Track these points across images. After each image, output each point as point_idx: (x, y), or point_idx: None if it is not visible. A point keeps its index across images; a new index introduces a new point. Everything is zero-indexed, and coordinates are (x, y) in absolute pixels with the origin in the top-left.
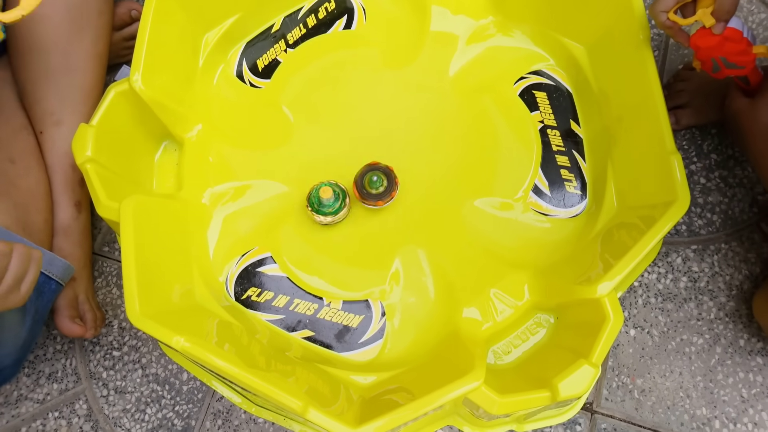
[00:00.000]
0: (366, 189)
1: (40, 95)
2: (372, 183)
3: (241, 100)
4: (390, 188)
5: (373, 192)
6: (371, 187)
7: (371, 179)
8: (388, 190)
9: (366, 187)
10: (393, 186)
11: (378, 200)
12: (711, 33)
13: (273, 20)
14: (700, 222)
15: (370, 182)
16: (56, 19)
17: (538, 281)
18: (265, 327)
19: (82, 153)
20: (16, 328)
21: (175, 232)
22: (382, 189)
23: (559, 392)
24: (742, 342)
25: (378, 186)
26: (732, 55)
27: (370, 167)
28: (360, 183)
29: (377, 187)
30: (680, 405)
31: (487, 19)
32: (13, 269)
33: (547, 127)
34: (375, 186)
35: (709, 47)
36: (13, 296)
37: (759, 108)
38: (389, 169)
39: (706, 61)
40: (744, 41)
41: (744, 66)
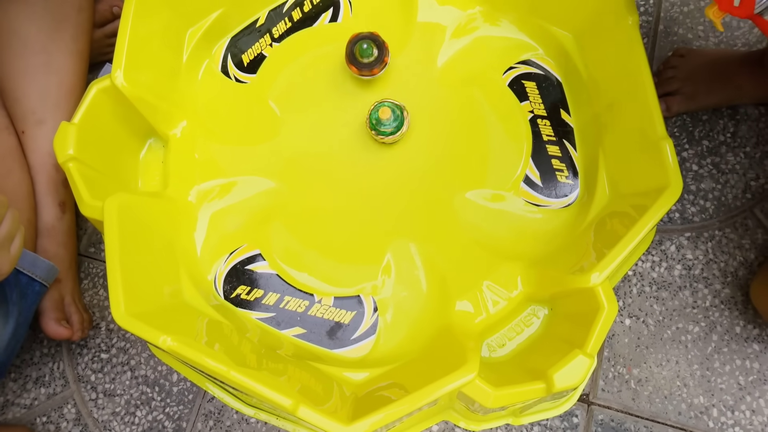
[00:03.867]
0: (358, 59)
1: (20, 94)
2: (363, 51)
3: (226, 95)
4: (381, 54)
5: (365, 61)
6: (363, 55)
7: (362, 47)
8: (380, 57)
9: (358, 57)
10: (384, 51)
11: (373, 68)
12: None
13: (258, 14)
14: (693, 209)
15: (361, 51)
16: (35, 15)
17: (531, 272)
18: (255, 325)
19: (63, 152)
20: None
21: (161, 231)
22: (374, 57)
23: (555, 383)
24: (738, 329)
25: (369, 54)
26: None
27: (358, 37)
28: (351, 53)
29: (368, 55)
30: (677, 394)
31: (474, 9)
32: (6, 223)
33: (538, 117)
34: (366, 54)
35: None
36: (3, 256)
37: None
38: (375, 35)
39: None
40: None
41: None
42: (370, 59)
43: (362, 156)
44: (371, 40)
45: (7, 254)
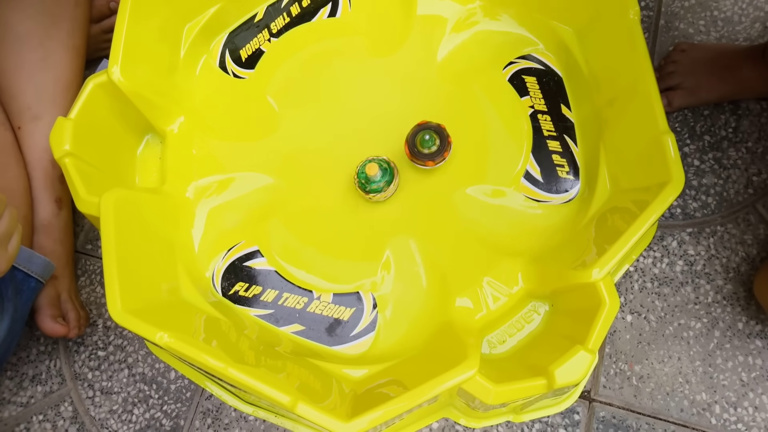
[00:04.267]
0: (418, 149)
1: (16, 90)
2: (424, 142)
3: (224, 91)
4: (443, 147)
5: (425, 151)
6: (423, 146)
7: (423, 138)
8: (441, 150)
9: (418, 147)
10: (446, 145)
11: (429, 160)
12: None
13: (256, 9)
14: (695, 204)
15: (422, 141)
16: (31, 10)
17: (531, 268)
18: (253, 322)
19: (60, 147)
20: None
21: (158, 227)
22: (435, 148)
23: (556, 380)
24: (741, 325)
25: (430, 145)
26: None
27: (421, 127)
28: (412, 143)
29: (429, 146)
30: (679, 391)
31: (474, 3)
32: (4, 222)
33: (538, 112)
34: (427, 145)
35: None
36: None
37: None
38: (441, 127)
39: None
40: None
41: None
42: (430, 150)
43: (361, 150)
44: (434, 132)
45: (4, 252)
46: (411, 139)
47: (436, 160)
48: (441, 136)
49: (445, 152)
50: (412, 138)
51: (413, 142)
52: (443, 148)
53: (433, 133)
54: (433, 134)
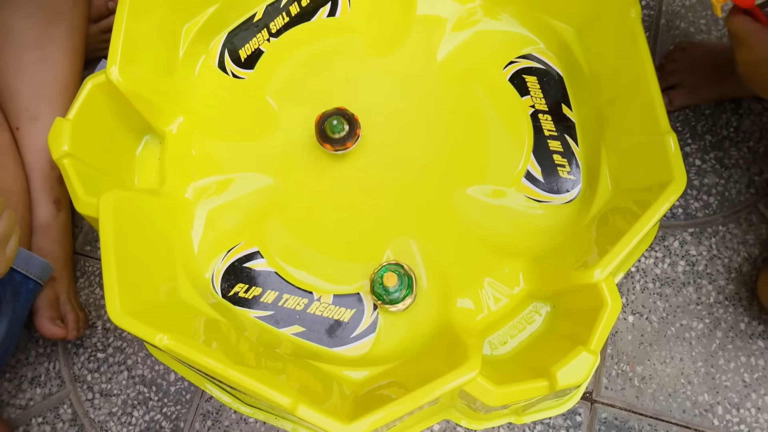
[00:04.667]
0: (327, 134)
1: (14, 90)
2: (333, 127)
3: (223, 91)
4: (353, 128)
5: (335, 137)
6: (333, 131)
7: (332, 124)
8: (352, 131)
9: (327, 132)
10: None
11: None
12: None
13: (255, 9)
14: (697, 204)
15: (330, 127)
16: (28, 10)
17: (533, 269)
18: (253, 324)
19: (58, 148)
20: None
21: (157, 228)
22: (344, 133)
23: (558, 381)
24: (743, 326)
25: (339, 130)
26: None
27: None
28: (322, 132)
29: (339, 131)
30: (682, 392)
31: (473, 2)
32: (2, 224)
33: (539, 112)
34: (337, 130)
35: None
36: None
37: None
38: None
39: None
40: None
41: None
42: (341, 134)
43: (361, 150)
44: (340, 116)
45: (2, 254)
46: (320, 130)
47: (350, 141)
48: (347, 118)
49: (357, 130)
50: (320, 127)
51: (323, 132)
52: (354, 128)
53: (340, 117)
54: (340, 119)
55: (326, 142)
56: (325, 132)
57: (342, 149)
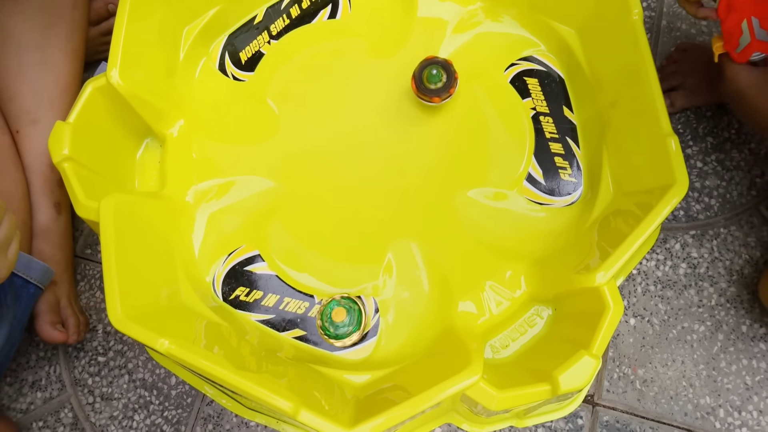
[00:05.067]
0: (425, 84)
1: (14, 93)
2: (431, 77)
3: (224, 93)
4: (449, 83)
5: (432, 87)
6: (430, 81)
7: (431, 73)
8: (447, 86)
9: (425, 82)
10: (452, 81)
11: (435, 96)
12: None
13: (255, 11)
14: (698, 207)
15: (429, 76)
16: (29, 12)
17: (534, 272)
18: (254, 327)
19: (58, 151)
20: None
21: (158, 232)
22: (441, 84)
23: (560, 385)
24: (745, 328)
25: (437, 80)
26: (765, 19)
27: (429, 61)
28: (419, 77)
29: (436, 82)
30: (683, 394)
31: (474, 5)
32: (3, 228)
33: (540, 114)
34: (434, 80)
35: (743, 2)
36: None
37: None
38: (448, 63)
39: (734, 30)
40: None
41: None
42: (437, 85)
43: (362, 154)
44: (441, 67)
45: (4, 259)
46: (418, 74)
47: (442, 96)
48: (448, 72)
49: (451, 89)
50: (420, 72)
51: (420, 77)
52: (449, 84)
53: (441, 68)
54: (440, 69)
55: (419, 89)
56: (421, 79)
57: (429, 101)
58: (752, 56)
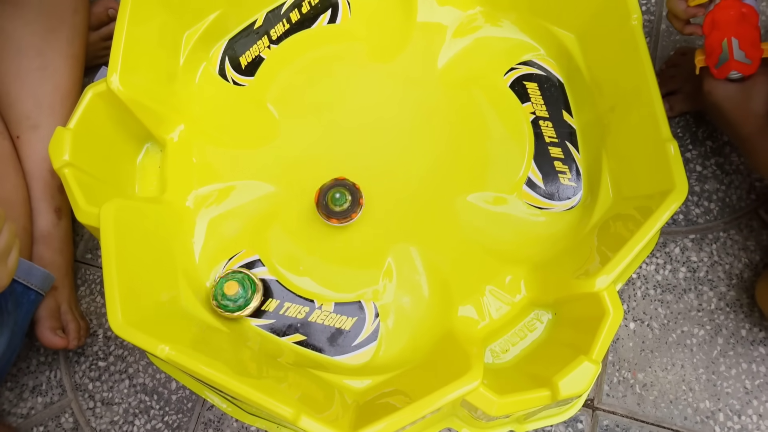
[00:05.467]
0: (330, 206)
1: (14, 98)
2: (335, 200)
3: (224, 98)
4: (353, 207)
5: (336, 209)
6: (334, 204)
7: (333, 196)
8: (353, 206)
9: (330, 204)
10: (358, 194)
11: (342, 218)
12: (730, 6)
13: (255, 16)
14: (698, 210)
15: (333, 199)
16: (29, 18)
17: (534, 276)
18: (255, 332)
19: (59, 157)
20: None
21: (158, 237)
22: (346, 206)
23: (560, 391)
24: (744, 332)
25: (342, 202)
26: (744, 41)
27: (332, 184)
28: (323, 200)
29: (341, 204)
30: (683, 398)
31: (474, 9)
32: (4, 237)
33: (539, 119)
34: (338, 203)
35: (726, 22)
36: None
37: (753, 94)
38: (355, 187)
39: (716, 47)
40: (758, 30)
41: (751, 61)
42: (342, 207)
43: (363, 158)
44: (347, 189)
45: (4, 267)
46: (323, 197)
47: (355, 212)
48: (349, 189)
49: (353, 213)
50: (324, 195)
51: (325, 204)
52: (356, 198)
53: (346, 191)
54: (342, 190)
55: (331, 216)
56: (327, 205)
57: (347, 221)
58: (730, 74)
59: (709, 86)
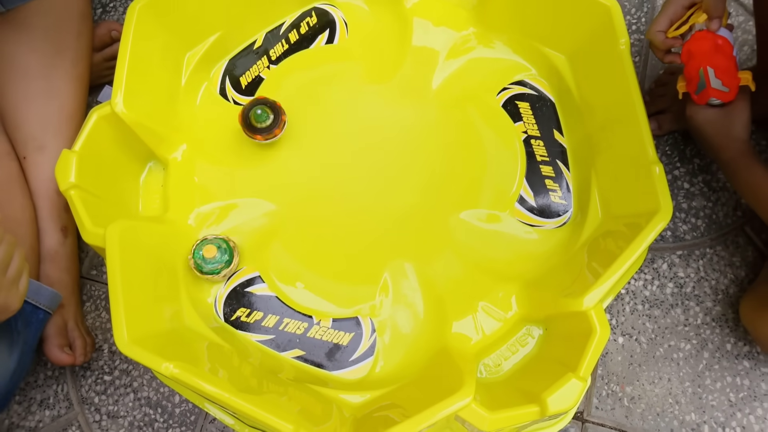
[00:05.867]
0: (252, 123)
1: (21, 120)
2: (257, 117)
3: (225, 118)
4: (277, 119)
5: (259, 126)
6: (257, 120)
7: (255, 113)
8: (276, 122)
9: (252, 121)
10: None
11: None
12: (705, 37)
13: (255, 36)
14: (685, 227)
15: (255, 116)
16: (35, 42)
17: (526, 293)
18: (255, 348)
19: (65, 179)
20: (5, 361)
21: (162, 255)
22: (269, 122)
23: (548, 407)
24: (729, 346)
25: (264, 119)
26: (720, 70)
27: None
28: (245, 117)
29: (263, 120)
30: (669, 411)
31: (468, 30)
32: (15, 262)
33: (531, 138)
34: (261, 119)
35: (701, 53)
36: (13, 293)
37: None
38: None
39: (693, 75)
40: (733, 59)
41: (729, 89)
42: (264, 124)
43: (360, 176)
44: (264, 104)
45: (16, 291)
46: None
47: (278, 128)
48: (271, 107)
49: (282, 116)
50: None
51: (248, 122)
52: (278, 115)
53: (266, 107)
54: (264, 108)
55: (254, 132)
56: (250, 122)
57: (271, 137)
58: (710, 100)
59: (691, 111)
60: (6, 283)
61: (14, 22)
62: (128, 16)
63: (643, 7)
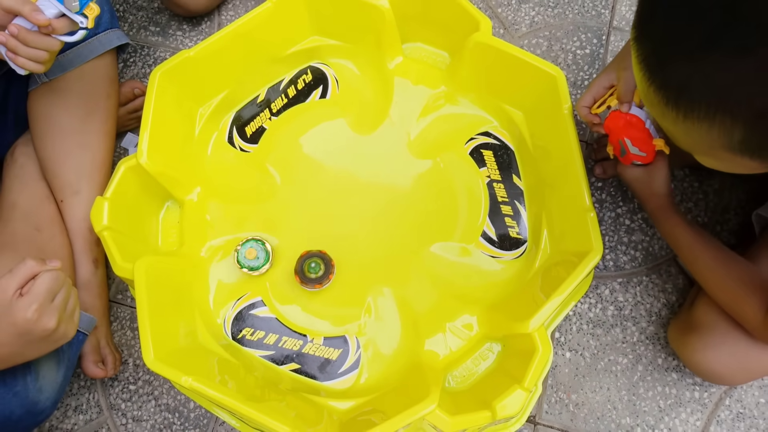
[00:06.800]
0: (305, 274)
1: (59, 170)
2: (311, 269)
3: (233, 163)
4: (327, 271)
5: (312, 276)
6: (310, 272)
7: (309, 265)
8: (326, 274)
9: (306, 273)
10: (330, 269)
11: (316, 284)
12: (618, 116)
13: (258, 91)
14: (625, 258)
15: (308, 268)
16: (70, 104)
17: (486, 316)
18: (258, 362)
19: (99, 222)
20: (54, 376)
21: (179, 284)
22: (321, 273)
23: (497, 412)
24: (660, 360)
25: (317, 270)
26: (635, 140)
27: (308, 255)
28: (300, 269)
29: (316, 272)
30: (608, 416)
31: (441, 88)
32: (72, 299)
33: (494, 181)
34: (314, 271)
35: (617, 128)
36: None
37: (654, 177)
38: (326, 255)
39: (615, 144)
40: (645, 131)
41: (646, 154)
42: (317, 275)
43: (349, 213)
44: (320, 259)
45: (71, 323)
46: (299, 267)
47: (322, 282)
48: (325, 261)
49: (330, 275)
50: (300, 266)
51: (301, 269)
52: (328, 270)
53: (319, 260)
54: (318, 261)
55: (306, 282)
56: (303, 272)
57: (314, 288)
58: (633, 162)
59: (620, 169)
60: (66, 317)
61: (54, 87)
62: (150, 81)
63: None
